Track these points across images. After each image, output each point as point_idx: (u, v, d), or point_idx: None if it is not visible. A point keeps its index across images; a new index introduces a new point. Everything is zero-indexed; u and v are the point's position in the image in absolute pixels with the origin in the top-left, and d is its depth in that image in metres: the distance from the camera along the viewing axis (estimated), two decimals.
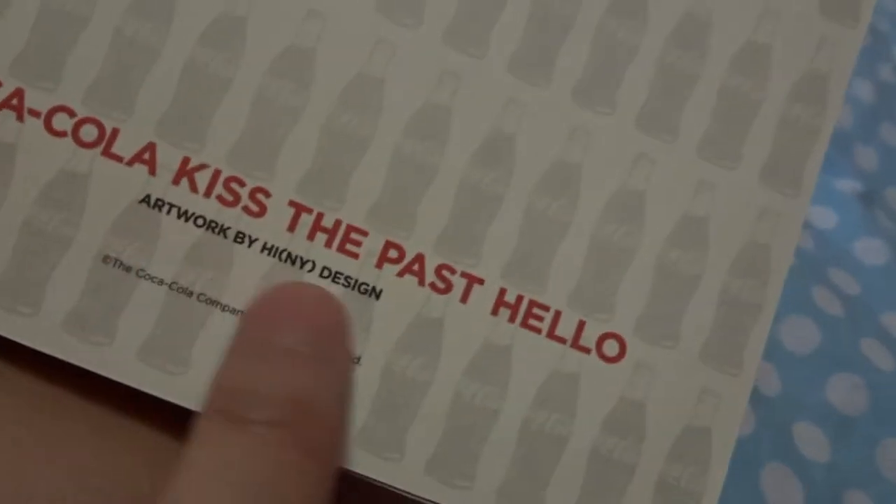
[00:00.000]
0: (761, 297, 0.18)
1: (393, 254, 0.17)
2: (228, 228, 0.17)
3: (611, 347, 0.17)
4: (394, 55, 0.18)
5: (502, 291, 0.17)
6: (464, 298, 0.17)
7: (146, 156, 0.17)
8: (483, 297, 0.17)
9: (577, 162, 0.18)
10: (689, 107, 0.18)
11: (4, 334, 0.16)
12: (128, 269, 0.17)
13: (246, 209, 0.17)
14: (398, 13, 0.18)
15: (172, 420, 0.17)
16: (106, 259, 0.17)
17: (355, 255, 0.17)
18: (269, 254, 0.17)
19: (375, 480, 0.17)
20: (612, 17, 0.18)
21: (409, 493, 0.17)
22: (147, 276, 0.17)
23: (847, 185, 0.43)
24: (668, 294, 0.18)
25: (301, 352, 0.15)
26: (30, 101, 0.17)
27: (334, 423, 0.15)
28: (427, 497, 0.17)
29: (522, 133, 0.18)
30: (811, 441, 0.34)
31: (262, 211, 0.17)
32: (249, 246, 0.17)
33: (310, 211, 0.17)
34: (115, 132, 0.17)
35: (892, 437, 0.35)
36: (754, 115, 0.18)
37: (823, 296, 0.38)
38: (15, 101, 0.17)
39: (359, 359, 0.17)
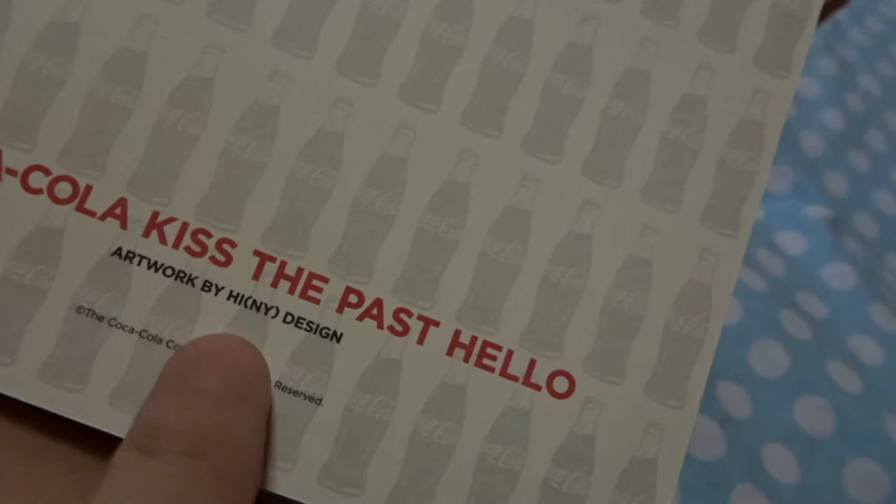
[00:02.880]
0: (702, 333, 0.19)
1: (353, 299, 0.18)
2: (196, 278, 0.18)
3: (560, 384, 0.18)
4: (352, 111, 0.19)
5: (457, 333, 0.18)
6: (420, 340, 0.18)
7: (118, 210, 0.18)
8: (439, 338, 0.18)
9: (526, 208, 0.19)
10: (633, 155, 0.19)
11: None
12: (100, 318, 0.17)
13: (213, 259, 0.18)
14: (355, 73, 0.19)
15: None
16: (80, 309, 0.17)
17: (317, 301, 0.18)
18: (234, 301, 0.18)
19: None
20: (559, 72, 0.19)
21: None
22: (118, 325, 0.17)
23: (817, 212, 0.44)
24: (614, 332, 0.19)
25: (215, 392, 0.16)
26: (7, 160, 0.18)
27: (250, 453, 0.16)
28: None
29: (475, 181, 0.19)
30: (780, 462, 0.35)
31: (228, 261, 0.18)
32: (216, 294, 0.18)
33: (273, 260, 0.18)
34: (88, 189, 0.18)
35: (858, 458, 0.35)
36: (694, 162, 0.19)
37: (792, 319, 0.39)
38: None
39: (321, 399, 0.18)
